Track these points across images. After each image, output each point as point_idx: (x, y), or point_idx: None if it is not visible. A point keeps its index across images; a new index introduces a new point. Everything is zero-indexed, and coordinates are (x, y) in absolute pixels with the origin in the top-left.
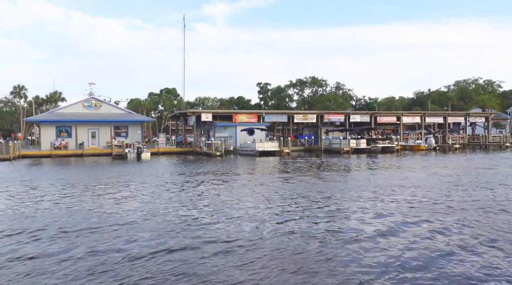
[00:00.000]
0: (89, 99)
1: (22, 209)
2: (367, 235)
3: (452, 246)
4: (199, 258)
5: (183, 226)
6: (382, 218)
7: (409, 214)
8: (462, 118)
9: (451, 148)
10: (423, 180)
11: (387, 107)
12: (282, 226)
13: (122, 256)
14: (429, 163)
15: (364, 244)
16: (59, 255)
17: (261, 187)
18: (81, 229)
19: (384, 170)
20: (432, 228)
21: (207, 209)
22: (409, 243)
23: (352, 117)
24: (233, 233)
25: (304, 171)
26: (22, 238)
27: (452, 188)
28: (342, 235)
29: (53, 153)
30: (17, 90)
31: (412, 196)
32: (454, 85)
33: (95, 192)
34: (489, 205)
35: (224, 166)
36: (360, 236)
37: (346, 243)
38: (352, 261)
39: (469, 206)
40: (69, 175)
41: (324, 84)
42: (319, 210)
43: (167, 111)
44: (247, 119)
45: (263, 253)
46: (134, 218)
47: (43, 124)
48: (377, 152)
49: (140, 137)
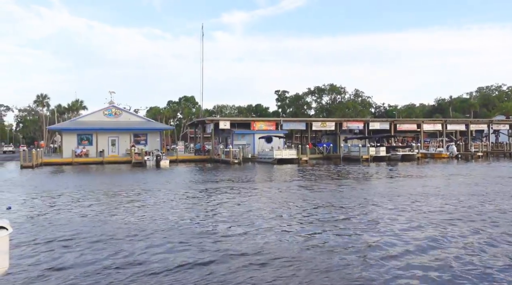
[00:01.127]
0: (109, 108)
1: (45, 216)
2: (398, 250)
3: (499, 260)
4: (226, 273)
5: (205, 237)
6: (411, 231)
7: (440, 226)
8: (485, 125)
9: (474, 156)
10: (448, 189)
11: (407, 114)
12: (305, 238)
13: (144, 270)
14: (452, 172)
15: (396, 261)
16: (75, 267)
17: (280, 196)
18: (101, 239)
19: (405, 178)
20: (474, 240)
21: (228, 219)
22: (447, 259)
23: (371, 124)
24: (258, 245)
25: (323, 179)
26: (52, 247)
27: (477, 198)
28: (372, 249)
29: (74, 161)
30: (40, 99)
31: (438, 206)
32: (476, 91)
33: (116, 200)
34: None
35: (242, 174)
36: (392, 251)
37: (381, 258)
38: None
39: (497, 217)
40: (90, 183)
41: (342, 92)
42: (344, 221)
43: (185, 119)
44: (265, 126)
45: (292, 268)
46: (155, 228)
47: (65, 132)
48: (397, 160)
49: (159, 144)
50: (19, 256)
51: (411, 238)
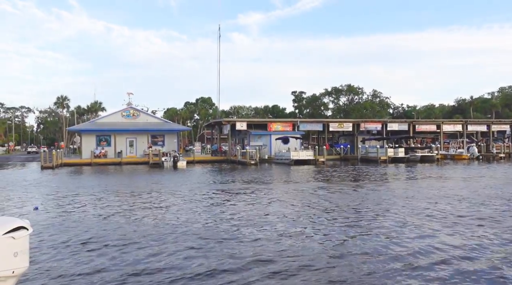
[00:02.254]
0: (127, 109)
1: (66, 217)
2: (421, 258)
3: None
4: (247, 282)
5: (224, 242)
6: (437, 238)
7: (470, 232)
8: (507, 126)
9: (496, 157)
10: (470, 192)
11: (427, 115)
12: (328, 243)
13: (162, 278)
14: (473, 173)
15: (420, 270)
16: (95, 270)
17: (299, 198)
18: (121, 243)
19: (425, 180)
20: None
21: (248, 222)
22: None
23: (389, 125)
24: (279, 250)
25: (341, 181)
26: (74, 248)
27: (500, 201)
28: (397, 258)
29: (93, 162)
30: (60, 100)
31: (462, 209)
32: (498, 91)
33: (135, 202)
34: None
35: (259, 175)
36: (420, 260)
37: (407, 268)
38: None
39: None
40: (109, 183)
41: (360, 92)
42: (365, 225)
43: (202, 120)
44: (282, 127)
45: (315, 274)
46: (172, 231)
47: (84, 133)
48: (416, 161)
49: (176, 145)
50: (41, 256)
51: (438, 245)
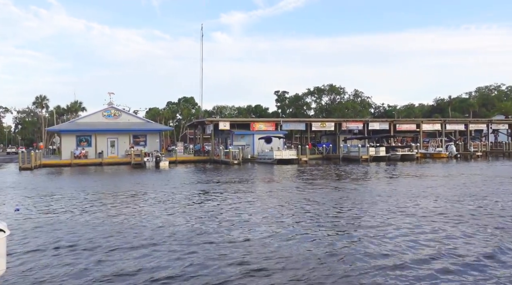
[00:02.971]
0: (108, 109)
1: (44, 219)
2: (403, 255)
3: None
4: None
5: (207, 244)
6: (414, 234)
7: (443, 228)
8: (484, 125)
9: (473, 156)
10: (447, 189)
11: (407, 115)
12: (313, 245)
13: (142, 281)
14: (451, 172)
15: (400, 267)
16: (73, 274)
17: (283, 198)
18: (101, 246)
19: (405, 179)
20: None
21: (231, 223)
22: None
23: (370, 124)
24: (263, 252)
25: (324, 180)
26: (52, 251)
27: (476, 198)
28: (377, 255)
29: (73, 162)
30: (39, 100)
31: (439, 207)
32: (475, 91)
33: (116, 203)
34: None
35: (242, 174)
36: (403, 258)
37: (388, 265)
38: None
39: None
40: (89, 184)
41: (342, 92)
42: (346, 224)
43: (185, 120)
44: (265, 127)
45: (296, 273)
46: (153, 233)
47: (64, 133)
48: (397, 160)
49: (158, 145)
50: (19, 259)
51: (414, 239)
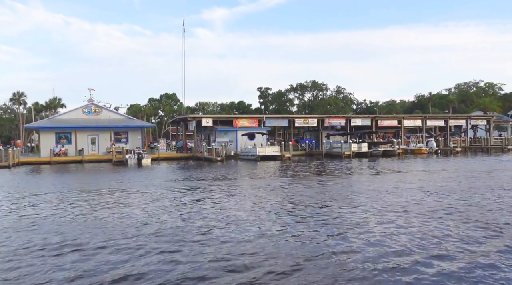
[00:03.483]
0: (88, 105)
1: (24, 219)
2: (385, 245)
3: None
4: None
5: (191, 243)
6: (396, 227)
7: (425, 221)
8: (464, 121)
9: (453, 151)
10: (428, 184)
11: (388, 111)
12: (298, 243)
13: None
14: (431, 167)
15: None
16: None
17: (266, 194)
18: (81, 246)
19: (386, 174)
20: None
21: (215, 221)
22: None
23: (353, 121)
24: (247, 250)
25: (307, 176)
26: (31, 252)
27: (452, 192)
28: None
29: (52, 160)
30: (17, 97)
31: (420, 200)
32: (455, 88)
33: (97, 201)
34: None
35: (225, 171)
36: (388, 254)
37: (368, 257)
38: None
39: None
40: (69, 182)
41: (324, 88)
42: (330, 219)
43: (167, 116)
44: (248, 124)
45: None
46: (135, 233)
47: (43, 130)
48: (378, 155)
49: (140, 142)
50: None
51: (396, 233)
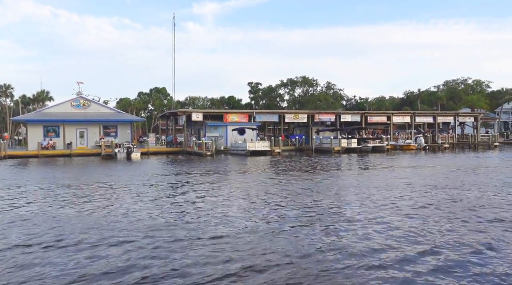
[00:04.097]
0: (77, 99)
1: (11, 214)
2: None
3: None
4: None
5: (182, 240)
6: (385, 223)
7: (415, 217)
8: (452, 118)
9: (441, 147)
10: (416, 180)
11: (378, 107)
12: (288, 239)
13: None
14: (419, 163)
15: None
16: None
17: (256, 189)
18: (68, 242)
19: (376, 170)
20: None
21: (205, 217)
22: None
23: (342, 116)
24: (239, 247)
25: (296, 171)
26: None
27: (438, 188)
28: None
29: (40, 153)
30: (3, 89)
31: (409, 196)
32: (443, 85)
33: (85, 195)
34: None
35: (215, 166)
36: (377, 251)
37: (357, 255)
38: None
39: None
40: (57, 176)
41: (315, 84)
42: (322, 217)
43: (157, 110)
44: (238, 118)
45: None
46: (123, 228)
47: (30, 123)
48: (368, 151)
49: (129, 136)
50: None
51: (383, 229)
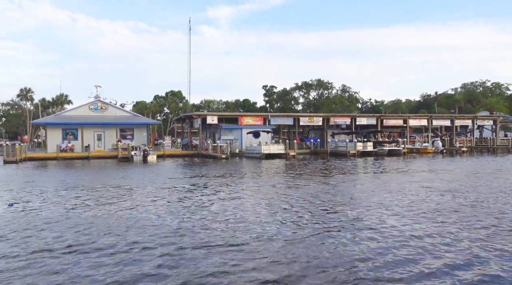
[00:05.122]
0: (95, 102)
1: (25, 215)
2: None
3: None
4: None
5: (199, 250)
6: (404, 230)
7: (437, 224)
8: (470, 121)
9: (459, 151)
10: (435, 184)
11: (394, 110)
12: (309, 248)
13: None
14: (437, 167)
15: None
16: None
17: (271, 193)
18: (88, 245)
19: (393, 174)
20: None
21: (221, 220)
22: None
23: (358, 119)
24: (256, 253)
25: (313, 175)
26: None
27: (457, 193)
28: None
29: (59, 156)
30: (24, 92)
31: (428, 201)
32: (461, 87)
33: (104, 198)
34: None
35: (230, 169)
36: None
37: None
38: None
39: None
40: (76, 178)
41: (330, 87)
42: (338, 221)
43: (172, 113)
44: (253, 121)
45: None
46: (141, 231)
47: (50, 126)
48: (384, 155)
49: (145, 139)
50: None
51: (403, 236)
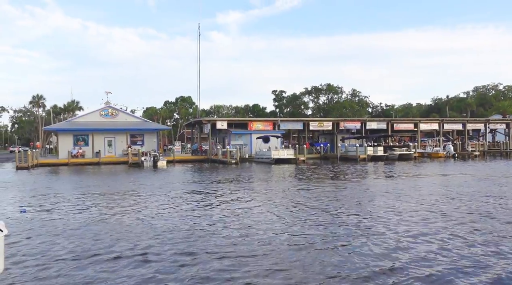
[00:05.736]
0: (105, 108)
1: (43, 221)
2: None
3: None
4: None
5: (211, 255)
6: (414, 234)
7: (445, 228)
8: (482, 124)
9: (471, 155)
10: (445, 189)
11: (404, 114)
12: (318, 249)
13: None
14: (449, 171)
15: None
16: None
17: (281, 198)
18: (103, 251)
19: (404, 178)
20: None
21: (231, 225)
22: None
23: (368, 124)
24: (267, 257)
25: (322, 180)
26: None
27: (470, 198)
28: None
29: (70, 162)
30: (36, 99)
31: (438, 206)
32: (473, 91)
33: (115, 203)
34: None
35: (240, 174)
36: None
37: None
38: None
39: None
40: (87, 184)
41: (339, 91)
42: (349, 226)
43: (182, 119)
44: (262, 127)
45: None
46: (153, 235)
47: (61, 132)
48: (394, 159)
49: (155, 145)
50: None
51: (413, 238)
